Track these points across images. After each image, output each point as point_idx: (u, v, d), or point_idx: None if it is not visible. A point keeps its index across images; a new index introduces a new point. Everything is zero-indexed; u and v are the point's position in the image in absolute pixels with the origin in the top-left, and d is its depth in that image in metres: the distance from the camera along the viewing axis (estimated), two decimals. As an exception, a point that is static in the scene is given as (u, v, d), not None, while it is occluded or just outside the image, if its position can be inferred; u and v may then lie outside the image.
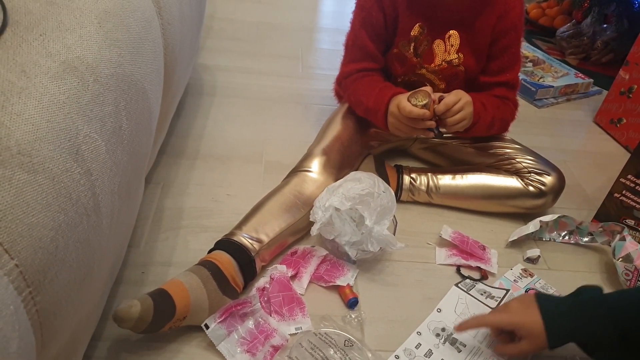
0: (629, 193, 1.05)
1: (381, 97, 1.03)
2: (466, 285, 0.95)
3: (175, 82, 0.97)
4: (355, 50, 1.11)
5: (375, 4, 1.04)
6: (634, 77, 1.42)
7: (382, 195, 0.92)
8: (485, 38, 1.06)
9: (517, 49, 1.09)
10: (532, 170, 1.09)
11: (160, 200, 1.05)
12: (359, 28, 1.07)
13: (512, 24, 1.05)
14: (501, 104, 1.10)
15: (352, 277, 0.93)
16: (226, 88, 1.48)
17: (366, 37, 1.07)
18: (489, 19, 1.03)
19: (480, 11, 1.02)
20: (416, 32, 1.05)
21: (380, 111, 1.03)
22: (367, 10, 1.05)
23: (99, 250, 0.52)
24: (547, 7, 2.17)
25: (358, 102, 1.09)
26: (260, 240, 0.88)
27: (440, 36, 1.06)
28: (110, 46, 0.58)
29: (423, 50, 1.07)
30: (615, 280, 1.00)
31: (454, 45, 1.06)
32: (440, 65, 1.08)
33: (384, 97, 1.03)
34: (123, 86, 0.60)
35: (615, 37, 1.82)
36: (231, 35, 1.79)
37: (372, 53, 1.09)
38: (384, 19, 1.05)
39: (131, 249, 0.92)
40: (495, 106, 1.07)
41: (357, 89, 1.09)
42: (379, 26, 1.06)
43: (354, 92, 1.10)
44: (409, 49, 1.06)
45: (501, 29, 1.05)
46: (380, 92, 1.04)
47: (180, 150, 1.20)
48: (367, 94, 1.06)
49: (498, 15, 1.03)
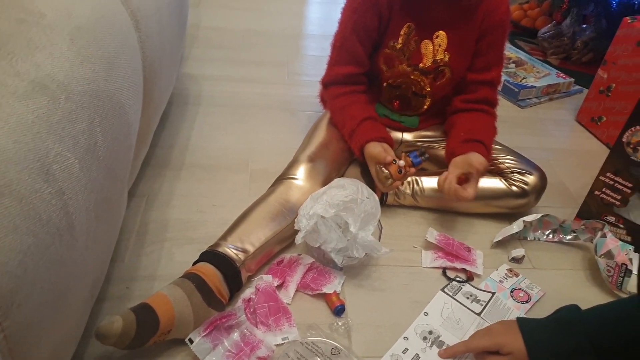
0: (609, 190, 1.06)
1: (355, 142, 1.07)
2: (452, 290, 0.95)
3: (156, 94, 0.97)
4: (342, 52, 1.11)
5: (371, 8, 1.03)
6: (612, 76, 1.43)
7: (365, 201, 0.93)
8: (473, 36, 1.07)
9: (502, 47, 1.11)
10: (515, 170, 1.10)
11: (145, 213, 1.05)
12: (350, 31, 1.07)
13: (499, 21, 1.06)
14: (489, 124, 1.13)
15: (339, 284, 0.93)
16: (211, 97, 1.48)
17: (357, 40, 1.07)
18: (476, 17, 1.04)
19: (468, 12, 1.03)
20: (405, 32, 1.05)
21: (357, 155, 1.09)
22: (360, 14, 1.05)
23: (74, 269, 0.51)
24: (528, 8, 2.19)
25: (336, 122, 1.13)
26: (245, 251, 0.88)
27: (428, 36, 1.06)
28: (83, 62, 0.58)
29: (411, 50, 1.07)
30: (598, 276, 1.01)
31: (442, 45, 1.07)
32: (428, 65, 1.08)
33: (357, 143, 1.07)
34: (98, 102, 0.60)
35: (594, 37, 1.85)
36: (217, 44, 1.79)
37: (360, 57, 1.09)
38: (379, 21, 1.05)
39: (115, 263, 0.92)
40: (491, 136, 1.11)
41: (335, 111, 1.13)
42: (372, 29, 1.06)
43: (333, 112, 1.14)
44: (397, 49, 1.07)
45: (488, 25, 1.06)
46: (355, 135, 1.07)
47: (164, 162, 1.20)
48: (343, 125, 1.11)
49: (485, 12, 1.04)
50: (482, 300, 0.94)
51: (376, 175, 1.04)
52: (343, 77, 1.11)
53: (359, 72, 1.11)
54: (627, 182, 1.03)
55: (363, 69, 1.11)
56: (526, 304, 0.94)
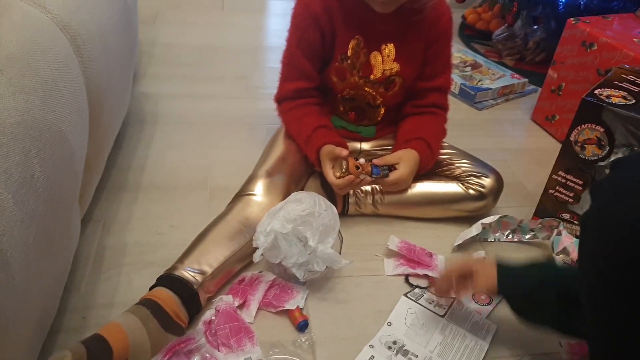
0: (562, 188, 1.08)
1: (311, 147, 1.07)
2: (415, 295, 0.96)
3: (106, 117, 0.96)
4: (291, 68, 1.12)
5: (312, 24, 1.05)
6: (561, 75, 1.47)
7: (323, 214, 0.93)
8: (420, 46, 1.09)
9: (448, 54, 1.13)
10: (471, 173, 1.11)
11: (102, 239, 1.02)
12: (295, 47, 1.08)
13: (442, 30, 1.09)
14: (435, 124, 1.15)
15: (301, 299, 0.92)
16: (169, 115, 1.46)
17: (302, 56, 1.08)
18: (421, 27, 1.06)
19: (413, 23, 1.05)
20: (353, 45, 1.06)
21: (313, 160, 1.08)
22: (302, 30, 1.06)
23: (12, 307, 0.50)
24: (482, 11, 2.23)
25: (292, 133, 1.14)
26: (203, 272, 0.86)
27: (376, 48, 1.07)
28: (15, 93, 0.57)
29: (361, 63, 1.08)
30: (558, 275, 1.03)
31: (390, 56, 1.08)
32: (378, 76, 1.09)
33: (313, 147, 1.07)
34: (33, 133, 0.58)
35: (545, 37, 1.89)
36: (173, 61, 1.77)
37: (308, 72, 1.10)
38: (322, 36, 1.06)
39: (70, 293, 0.89)
40: (435, 134, 1.14)
41: (290, 122, 1.13)
42: (316, 44, 1.07)
43: (288, 123, 1.15)
44: (347, 63, 1.08)
45: (433, 35, 1.08)
46: (310, 141, 1.07)
47: (121, 184, 1.18)
48: (298, 135, 1.11)
49: (429, 23, 1.06)
50: (444, 305, 0.94)
51: (332, 168, 1.03)
52: (294, 92, 1.12)
53: (309, 86, 1.12)
54: (578, 180, 1.06)
55: (313, 83, 1.12)
56: (488, 306, 0.95)
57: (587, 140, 1.02)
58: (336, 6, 1.03)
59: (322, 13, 1.03)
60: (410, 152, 1.08)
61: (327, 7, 1.03)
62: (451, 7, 1.12)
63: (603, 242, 0.55)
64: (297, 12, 1.07)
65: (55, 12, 0.76)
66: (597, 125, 1.00)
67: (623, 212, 0.52)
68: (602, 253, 0.55)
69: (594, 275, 0.58)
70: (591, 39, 1.37)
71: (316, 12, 1.03)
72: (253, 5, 2.38)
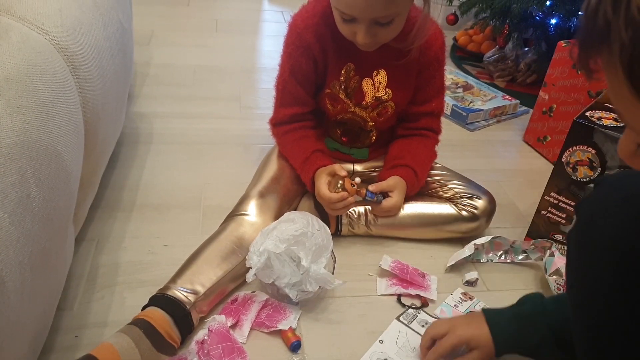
0: (554, 209, 1.09)
1: (307, 169, 1.08)
2: (407, 318, 0.96)
3: (101, 137, 0.96)
4: (285, 94, 1.12)
5: (304, 52, 1.05)
6: (552, 97, 1.50)
7: (316, 234, 0.93)
8: (412, 72, 1.10)
9: (440, 79, 1.14)
10: (464, 195, 1.12)
11: (95, 258, 1.02)
12: (288, 75, 1.09)
13: (434, 56, 1.09)
14: (423, 148, 1.16)
15: (294, 320, 0.92)
16: (163, 135, 1.47)
17: (295, 83, 1.09)
18: (413, 54, 1.06)
19: (404, 51, 1.05)
20: (345, 72, 1.07)
21: (307, 182, 1.09)
22: (295, 58, 1.06)
23: (6, 327, 0.50)
24: (473, 33, 2.27)
25: (287, 155, 1.15)
26: (195, 292, 0.86)
27: (368, 74, 1.08)
28: (12, 114, 0.57)
29: (353, 89, 1.09)
30: (549, 294, 1.03)
31: (382, 83, 1.09)
32: (370, 102, 1.10)
33: (310, 169, 1.08)
34: (30, 153, 0.59)
35: (536, 59, 1.93)
36: (168, 81, 1.79)
37: (303, 98, 1.11)
38: (314, 65, 1.07)
39: (63, 312, 0.89)
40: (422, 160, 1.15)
41: (286, 144, 1.14)
42: (309, 72, 1.08)
43: (283, 145, 1.15)
44: (340, 89, 1.09)
45: (425, 61, 1.09)
46: (306, 164, 1.08)
47: (115, 203, 1.18)
48: (294, 156, 1.12)
49: (421, 49, 1.06)
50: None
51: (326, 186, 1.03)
52: (289, 117, 1.13)
53: (304, 111, 1.13)
54: (570, 201, 1.07)
55: (308, 108, 1.13)
56: (481, 327, 0.95)
57: (579, 161, 1.03)
58: (328, 34, 1.04)
59: (315, 42, 1.04)
60: (400, 180, 1.09)
61: (320, 36, 1.04)
62: (443, 28, 1.13)
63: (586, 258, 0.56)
64: (290, 40, 1.07)
65: (53, 34, 0.77)
66: (588, 147, 1.01)
67: (605, 229, 0.53)
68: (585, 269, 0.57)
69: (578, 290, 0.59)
70: (581, 61, 1.39)
71: (309, 42, 1.04)
72: (246, 27, 2.41)
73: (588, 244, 0.56)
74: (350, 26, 0.95)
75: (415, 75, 1.10)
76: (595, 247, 0.54)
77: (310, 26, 1.03)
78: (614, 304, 0.54)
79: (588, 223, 0.57)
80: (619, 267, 0.52)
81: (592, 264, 0.55)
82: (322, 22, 1.03)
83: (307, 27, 1.03)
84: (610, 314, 0.55)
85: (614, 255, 0.52)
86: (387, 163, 1.16)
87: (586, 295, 0.57)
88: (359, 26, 0.94)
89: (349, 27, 0.96)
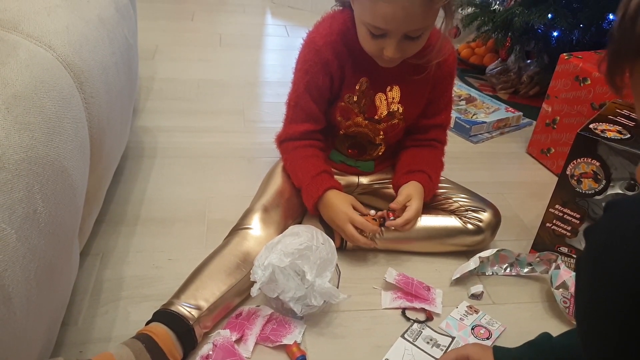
0: (559, 222, 1.09)
1: (315, 189, 1.07)
2: (412, 335, 0.95)
3: (106, 152, 0.97)
4: (297, 110, 1.12)
5: (322, 69, 1.05)
6: (555, 109, 1.50)
7: (321, 248, 0.93)
8: (426, 87, 1.10)
9: (450, 92, 1.16)
10: (469, 208, 1.12)
11: (99, 272, 1.02)
12: (303, 91, 1.08)
13: (448, 71, 1.10)
14: (434, 157, 1.17)
15: (299, 334, 0.92)
16: (167, 149, 1.47)
17: (310, 100, 1.09)
18: (430, 70, 1.06)
19: (419, 66, 1.05)
20: (359, 87, 1.08)
21: (312, 199, 1.08)
22: (312, 75, 1.06)
23: (14, 342, 0.50)
24: (475, 46, 2.28)
25: (290, 173, 1.14)
26: (199, 307, 0.86)
27: (381, 90, 1.09)
28: (20, 130, 0.58)
29: (366, 103, 1.10)
30: (556, 308, 1.02)
31: (395, 98, 1.10)
32: (382, 117, 1.11)
33: (318, 190, 1.07)
34: (37, 169, 0.59)
35: (538, 71, 1.94)
36: (172, 95, 1.80)
37: (315, 115, 1.11)
38: (331, 81, 1.07)
39: (68, 327, 0.89)
40: (435, 166, 1.16)
41: (293, 161, 1.13)
42: (325, 89, 1.08)
43: (290, 162, 1.14)
44: (353, 103, 1.09)
45: (438, 76, 1.09)
46: (314, 182, 1.08)
47: (119, 217, 1.18)
48: (303, 171, 1.11)
49: (436, 65, 1.06)
50: (442, 345, 0.93)
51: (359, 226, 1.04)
52: (300, 134, 1.13)
53: (315, 129, 1.13)
54: (575, 213, 1.07)
55: (319, 125, 1.13)
56: (487, 341, 0.95)
57: (583, 174, 1.03)
58: (345, 51, 1.04)
59: (333, 59, 1.04)
60: (417, 185, 1.09)
61: (338, 53, 1.04)
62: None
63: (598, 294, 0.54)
64: (307, 57, 1.06)
65: (60, 50, 0.77)
66: (592, 159, 1.01)
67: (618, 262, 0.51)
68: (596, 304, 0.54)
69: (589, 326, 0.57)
70: (584, 73, 1.40)
71: (327, 59, 1.04)
72: (250, 41, 2.43)
73: (600, 277, 0.52)
74: (379, 41, 0.95)
75: (429, 90, 1.11)
76: (607, 282, 0.51)
77: (329, 43, 1.04)
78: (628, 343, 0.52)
79: (600, 253, 0.54)
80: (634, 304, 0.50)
81: (604, 300, 0.52)
82: (339, 40, 1.04)
83: (325, 44, 1.04)
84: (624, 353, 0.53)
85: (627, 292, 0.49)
86: (399, 170, 1.16)
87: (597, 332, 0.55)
88: (388, 41, 0.94)
89: (377, 42, 0.96)
